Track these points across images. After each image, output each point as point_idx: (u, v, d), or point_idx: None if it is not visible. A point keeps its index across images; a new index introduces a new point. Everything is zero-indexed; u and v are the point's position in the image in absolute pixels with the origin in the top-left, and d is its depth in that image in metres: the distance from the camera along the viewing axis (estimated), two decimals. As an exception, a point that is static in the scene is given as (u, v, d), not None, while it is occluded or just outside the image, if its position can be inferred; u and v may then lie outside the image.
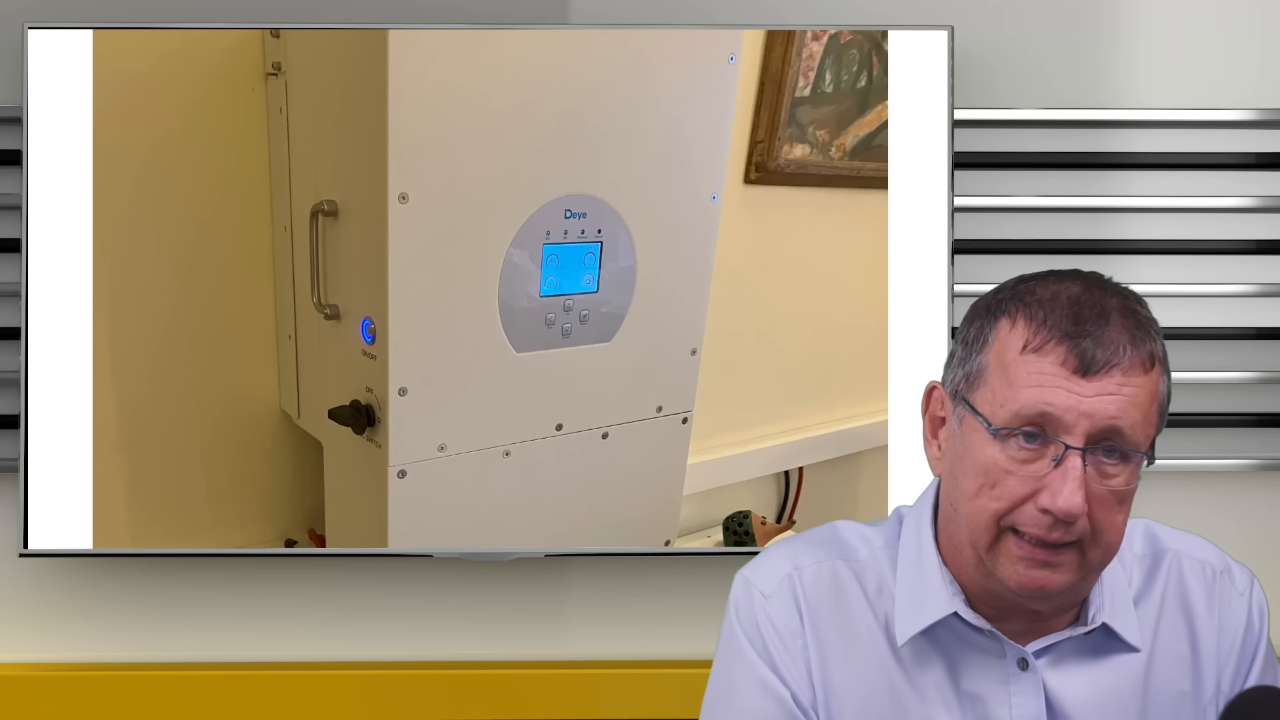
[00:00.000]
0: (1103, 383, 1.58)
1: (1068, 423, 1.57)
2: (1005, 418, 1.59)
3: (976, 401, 1.62)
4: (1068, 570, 1.61)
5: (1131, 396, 1.59)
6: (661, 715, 3.02)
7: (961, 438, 1.64)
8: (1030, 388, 1.58)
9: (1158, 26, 3.12)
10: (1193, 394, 3.12)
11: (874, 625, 1.70)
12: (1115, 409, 1.58)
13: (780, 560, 1.74)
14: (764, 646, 1.71)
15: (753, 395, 3.08)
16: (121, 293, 2.94)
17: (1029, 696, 1.68)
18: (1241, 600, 1.76)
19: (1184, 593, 1.75)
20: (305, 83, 2.87)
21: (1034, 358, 1.59)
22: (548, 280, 2.87)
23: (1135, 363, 1.59)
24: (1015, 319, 1.62)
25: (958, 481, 1.64)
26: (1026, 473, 1.59)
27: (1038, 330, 1.60)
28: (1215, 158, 3.10)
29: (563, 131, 2.86)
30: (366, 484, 2.89)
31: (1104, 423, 1.57)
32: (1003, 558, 1.61)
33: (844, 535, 1.76)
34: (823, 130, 2.99)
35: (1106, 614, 1.69)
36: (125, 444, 2.96)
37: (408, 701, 3.03)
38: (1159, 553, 1.76)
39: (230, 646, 3.09)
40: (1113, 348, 1.58)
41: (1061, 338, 1.58)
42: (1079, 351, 1.58)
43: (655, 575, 3.11)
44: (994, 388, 1.61)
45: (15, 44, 2.99)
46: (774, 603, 1.71)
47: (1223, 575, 1.77)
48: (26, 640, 3.08)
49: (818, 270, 3.07)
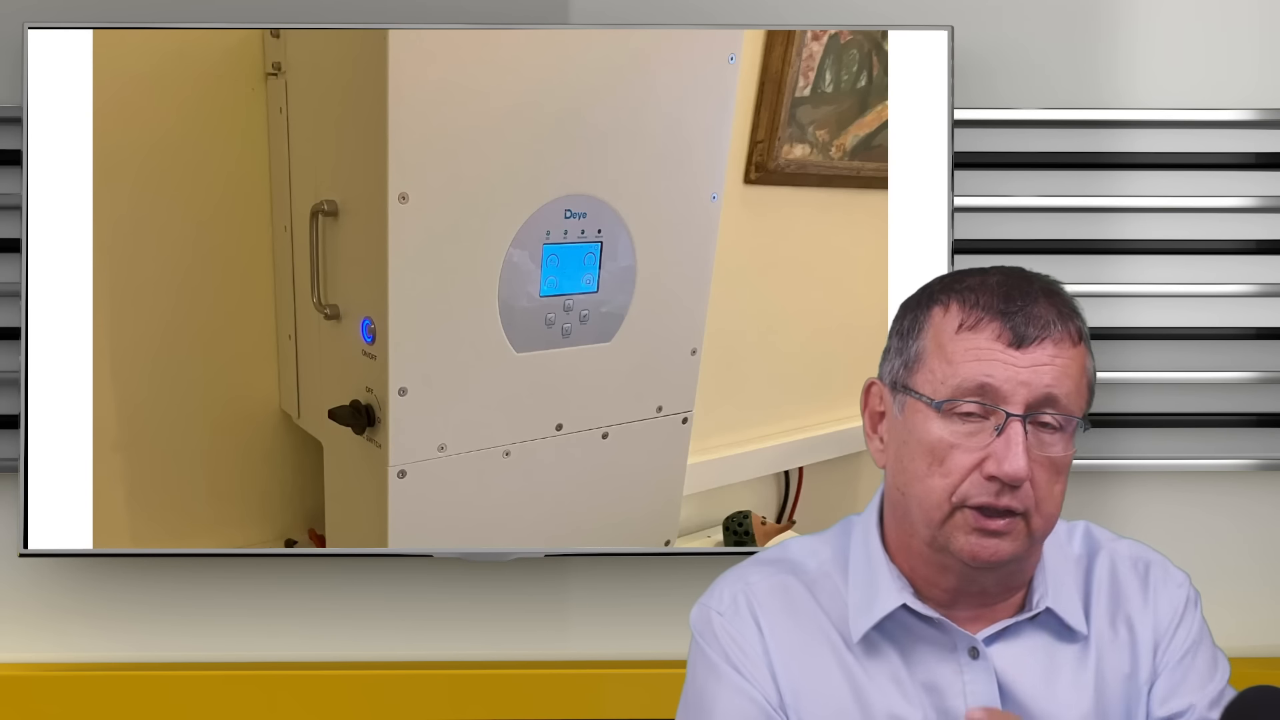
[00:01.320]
0: (1036, 354, 1.67)
1: (1006, 392, 1.66)
2: (947, 392, 1.67)
3: (917, 384, 1.70)
4: (1015, 539, 1.68)
5: (1064, 367, 1.67)
6: (661, 715, 3.01)
7: (904, 423, 1.71)
8: (969, 362, 1.67)
9: (1158, 26, 3.12)
10: (1193, 394, 3.12)
11: (829, 628, 1.76)
12: (1050, 378, 1.66)
13: (731, 581, 1.82)
14: (727, 657, 1.77)
15: (753, 395, 3.08)
16: (121, 293, 2.94)
17: (982, 684, 1.74)
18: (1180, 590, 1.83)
19: (1117, 583, 1.81)
20: (305, 83, 2.87)
21: (970, 334, 1.68)
22: (548, 280, 2.87)
23: (1064, 335, 1.68)
24: (948, 304, 1.71)
25: (904, 466, 1.71)
26: (972, 444, 1.67)
27: (971, 310, 1.69)
28: (1215, 158, 3.10)
29: (563, 131, 2.86)
30: (366, 484, 2.89)
31: (1041, 390, 1.66)
32: (955, 532, 1.68)
33: (792, 553, 1.83)
34: (823, 130, 2.99)
35: (1050, 599, 1.75)
36: (125, 444, 2.96)
37: (408, 701, 3.03)
38: (1094, 550, 1.83)
39: (230, 646, 3.09)
40: (1042, 322, 1.67)
41: (995, 314, 1.68)
42: (1012, 326, 1.67)
43: (655, 575, 3.11)
44: (933, 368, 1.69)
45: (15, 44, 2.99)
46: (729, 619, 1.78)
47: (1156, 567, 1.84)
48: (26, 640, 3.08)
49: (818, 270, 3.07)
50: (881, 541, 1.77)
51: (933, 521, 1.69)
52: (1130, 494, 3.10)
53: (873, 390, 1.77)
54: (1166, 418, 3.12)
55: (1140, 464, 3.10)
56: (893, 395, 1.73)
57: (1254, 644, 3.09)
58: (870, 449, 1.77)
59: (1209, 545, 3.09)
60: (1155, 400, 3.12)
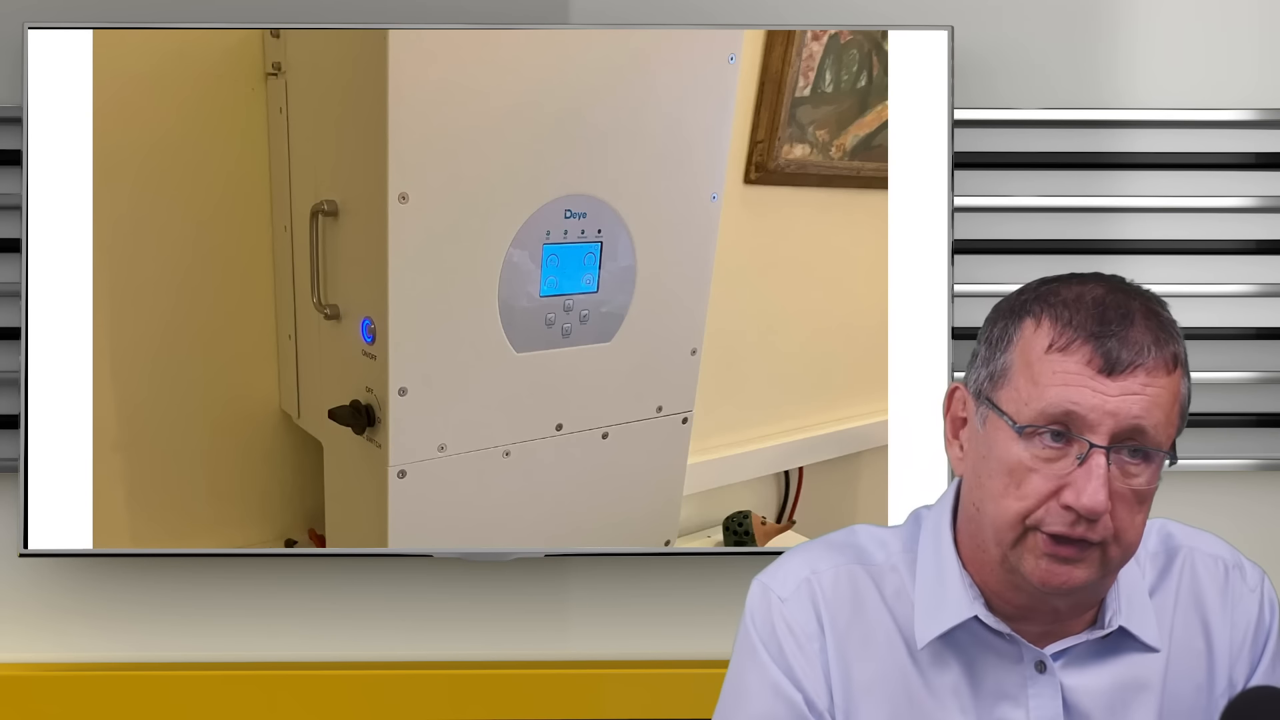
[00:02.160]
0: (1127, 382, 1.59)
1: (1092, 421, 1.59)
2: (1030, 415, 1.60)
3: (1001, 400, 1.63)
4: (1089, 567, 1.62)
5: (1155, 397, 1.61)
6: (661, 715, 3.02)
7: (985, 437, 1.65)
8: (1056, 386, 1.60)
9: (1158, 26, 3.12)
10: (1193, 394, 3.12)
11: (891, 629, 1.71)
12: (1139, 409, 1.60)
13: (797, 565, 1.75)
14: (779, 650, 1.71)
15: (753, 395, 3.08)
16: (121, 293, 2.94)
17: (1047, 699, 1.69)
18: (1253, 596, 1.78)
19: (1197, 588, 1.76)
20: (305, 83, 2.87)
21: (1059, 357, 1.60)
22: (548, 280, 2.87)
23: (1159, 363, 1.61)
24: (1040, 319, 1.63)
25: (981, 481, 1.65)
26: (1050, 471, 1.60)
27: (1063, 330, 1.61)
28: (1215, 158, 3.10)
29: (563, 131, 2.86)
30: (366, 484, 2.89)
31: (1128, 422, 1.59)
32: (1027, 554, 1.62)
33: (861, 540, 1.76)
34: (823, 130, 2.99)
35: (1124, 617, 1.70)
36: (125, 444, 2.96)
37: (408, 701, 3.03)
38: (1173, 550, 1.78)
39: (230, 646, 3.09)
40: (1137, 348, 1.60)
41: (1087, 337, 1.60)
42: (1104, 351, 1.59)
43: (655, 575, 3.11)
44: (1019, 386, 1.62)
45: (15, 44, 2.99)
46: (791, 606, 1.72)
47: (1235, 570, 1.78)
48: (26, 640, 3.08)
49: (818, 270, 3.07)
50: (954, 545, 1.72)
51: (1004, 542, 1.63)
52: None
53: (956, 395, 1.70)
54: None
55: (1140, 464, 3.10)
56: (976, 405, 1.67)
57: (1254, 644, 3.09)
58: (949, 455, 1.71)
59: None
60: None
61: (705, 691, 1.83)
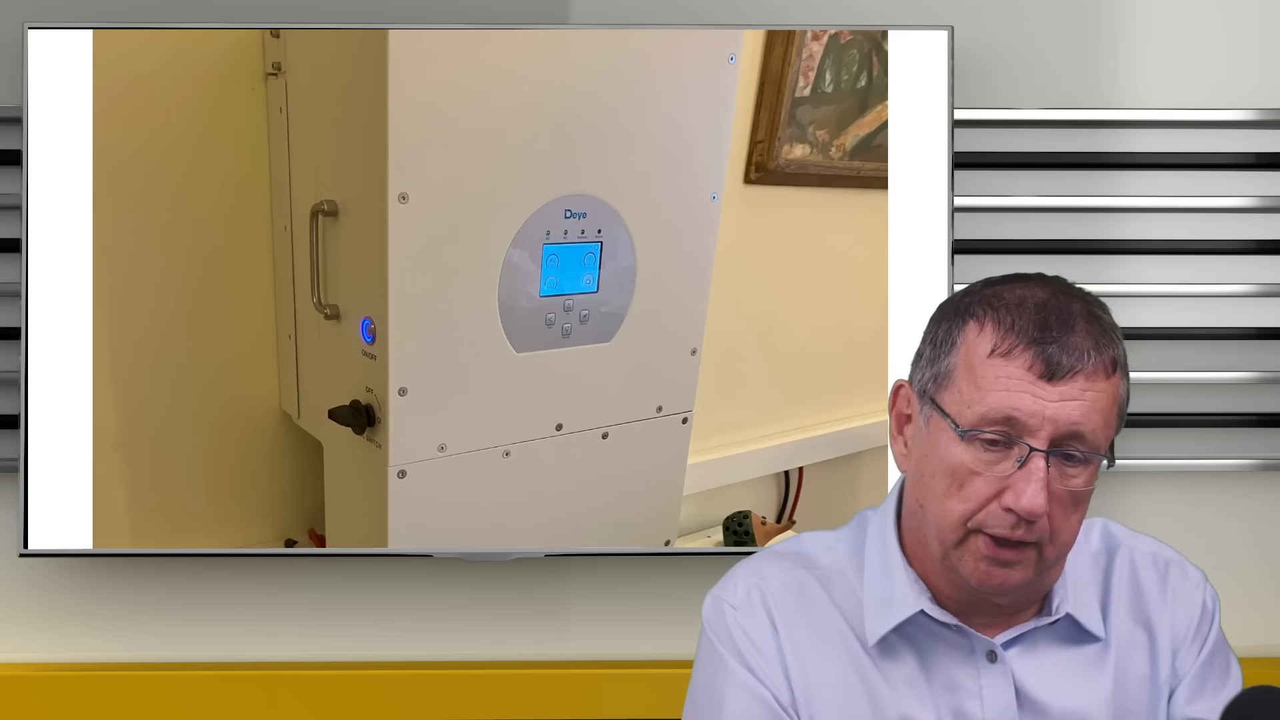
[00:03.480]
0: (1066, 388, 1.63)
1: (1032, 426, 1.63)
2: (972, 419, 1.65)
3: (944, 402, 1.67)
4: (1026, 567, 1.67)
5: (1094, 401, 1.64)
6: (661, 715, 3.02)
7: (928, 437, 1.69)
8: (997, 391, 1.64)
9: (1158, 26, 3.12)
10: (1193, 394, 3.12)
11: (844, 628, 1.75)
12: (1078, 414, 1.64)
13: (746, 574, 1.80)
14: (739, 653, 1.76)
15: (753, 395, 3.08)
16: (121, 293, 2.94)
17: (999, 688, 1.73)
18: (1196, 591, 1.82)
19: (1137, 583, 1.80)
20: (305, 83, 2.87)
21: (1001, 362, 1.64)
22: (548, 280, 2.87)
23: (1098, 368, 1.65)
24: (984, 322, 1.67)
25: (924, 480, 1.70)
26: (992, 473, 1.65)
27: (1005, 335, 1.65)
28: (1215, 158, 3.10)
29: (563, 131, 2.86)
30: (366, 484, 2.89)
31: (1066, 427, 1.63)
32: (967, 556, 1.67)
33: (806, 547, 1.81)
34: (823, 130, 2.99)
35: (1070, 604, 1.75)
36: (125, 444, 2.96)
37: (408, 701, 3.03)
38: (1113, 548, 1.82)
39: (230, 646, 3.09)
40: (1077, 354, 1.64)
41: (1029, 343, 1.64)
42: (1045, 357, 1.63)
43: (655, 575, 3.11)
44: (961, 389, 1.66)
45: (15, 44, 2.99)
46: (743, 613, 1.77)
47: (1174, 566, 1.83)
48: (26, 640, 3.08)
49: (818, 270, 3.07)
50: (899, 542, 1.76)
51: (946, 542, 1.68)
52: (1130, 494, 3.10)
53: (901, 393, 1.75)
54: (1166, 418, 3.12)
55: (1140, 464, 3.10)
56: (920, 404, 1.71)
57: (1254, 644, 3.09)
58: (894, 450, 1.75)
59: (1209, 545, 3.09)
60: (1155, 400, 3.12)
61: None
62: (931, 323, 1.73)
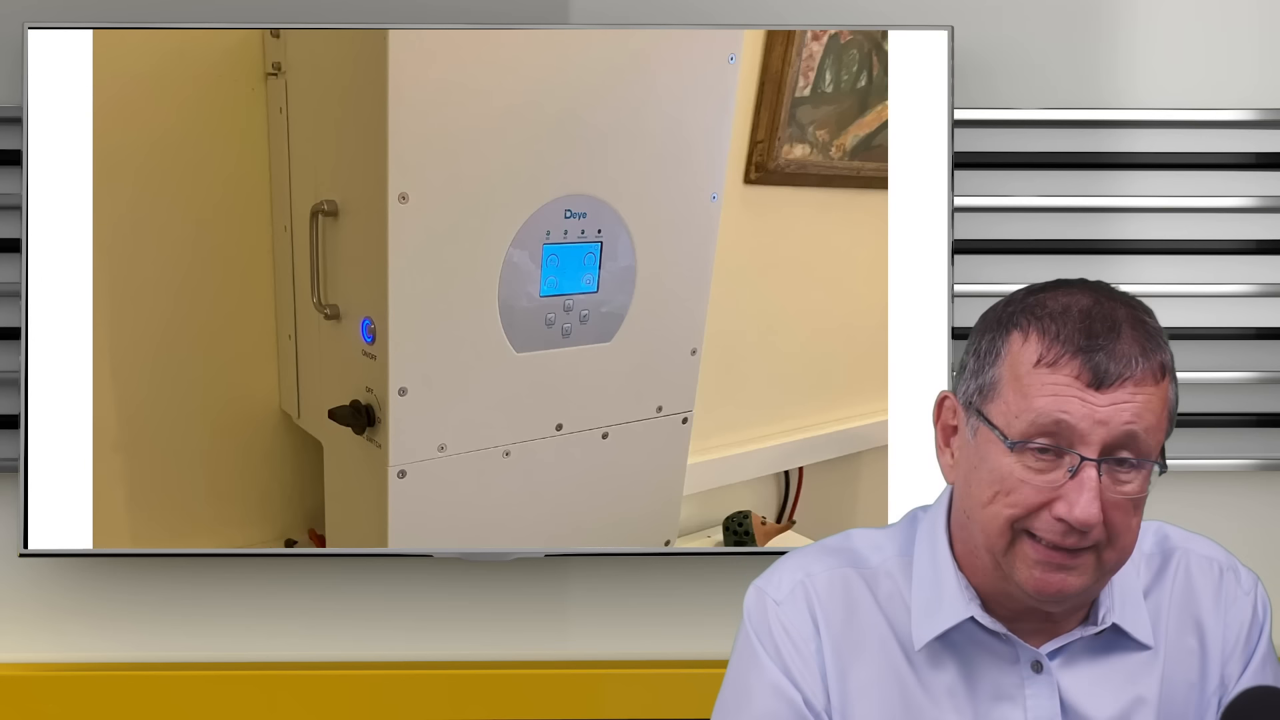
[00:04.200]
0: (1116, 394, 1.60)
1: (1083, 432, 1.59)
2: (1021, 429, 1.61)
3: (991, 414, 1.64)
4: (1084, 573, 1.63)
5: (1144, 406, 1.61)
6: (661, 715, 3.02)
7: (976, 448, 1.66)
8: (1045, 398, 1.60)
9: (1158, 26, 3.12)
10: (1193, 394, 3.12)
11: (886, 631, 1.73)
12: (1129, 415, 1.60)
13: (792, 568, 1.76)
14: (777, 651, 1.73)
15: (753, 395, 3.08)
16: (121, 293, 2.94)
17: (1044, 699, 1.70)
18: (1247, 598, 1.79)
19: (1191, 589, 1.77)
20: (305, 83, 2.87)
21: (1048, 372, 1.61)
22: (548, 280, 2.87)
23: (1147, 374, 1.61)
24: (1028, 333, 1.63)
25: (971, 490, 1.66)
26: (1041, 482, 1.61)
27: (1051, 345, 1.61)
28: (1215, 158, 3.10)
29: (563, 131, 2.86)
30: (366, 484, 2.89)
31: (1119, 431, 1.60)
32: (1019, 562, 1.63)
33: (855, 544, 1.78)
34: (823, 130, 2.99)
35: (1117, 614, 1.71)
36: (125, 444, 2.96)
37: (408, 701, 3.03)
38: (1168, 551, 1.79)
39: (230, 646, 3.09)
40: (1125, 360, 1.60)
41: (1075, 352, 1.60)
42: (1093, 365, 1.60)
43: (655, 575, 3.11)
44: (1008, 400, 1.63)
45: (15, 44, 2.99)
46: (786, 609, 1.73)
47: (1229, 572, 1.80)
48: (26, 640, 3.08)
49: (818, 270, 3.07)
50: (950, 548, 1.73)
51: (996, 548, 1.64)
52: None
53: (946, 404, 1.71)
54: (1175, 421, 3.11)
55: (1140, 464, 3.10)
56: (966, 416, 1.67)
57: (1254, 644, 3.09)
58: (940, 463, 1.72)
59: (1209, 544, 3.09)
60: (1155, 400, 3.12)
61: (705, 691, 1.83)
62: (974, 334, 1.69)
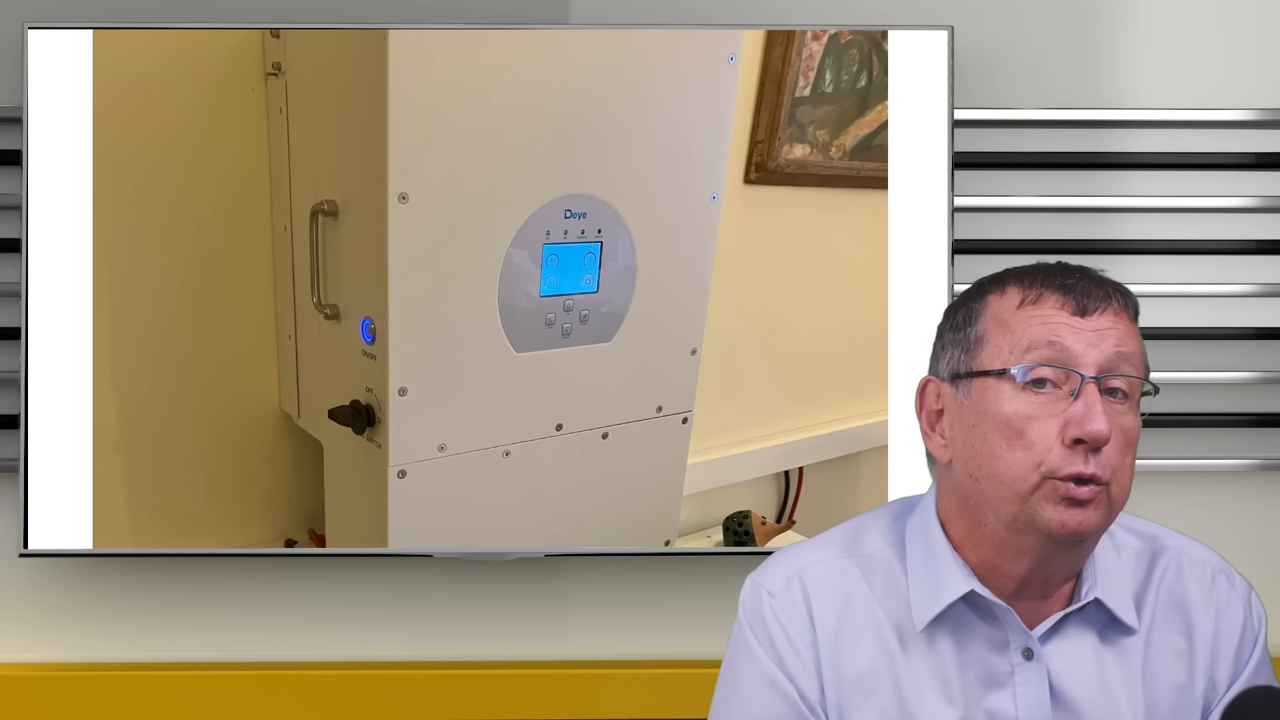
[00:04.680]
0: (1099, 320, 1.67)
1: (1077, 352, 1.66)
2: (1018, 358, 1.67)
3: (984, 363, 1.69)
4: (1099, 508, 1.67)
5: (1127, 332, 1.68)
6: (661, 715, 3.02)
7: (972, 407, 1.69)
8: (1036, 326, 1.67)
9: (1158, 26, 3.12)
10: (1193, 394, 3.12)
11: (881, 620, 1.74)
12: (1117, 338, 1.67)
13: (786, 561, 1.78)
14: (771, 644, 1.74)
15: (753, 395, 3.08)
16: (121, 293, 2.94)
17: (1034, 685, 1.72)
18: (1240, 602, 1.81)
19: (1181, 588, 1.79)
20: (305, 83, 2.87)
21: (1032, 308, 1.68)
22: (548, 280, 2.87)
23: (1123, 308, 1.69)
24: (1004, 288, 1.71)
25: (978, 449, 1.68)
26: (1049, 413, 1.65)
27: (1030, 286, 1.69)
28: (1215, 158, 3.10)
29: (563, 131, 2.86)
30: (366, 484, 2.89)
31: (1110, 351, 1.66)
32: (1043, 503, 1.66)
33: (850, 534, 1.79)
34: (823, 130, 2.99)
35: (1100, 589, 1.73)
36: (125, 444, 2.96)
37: (408, 701, 3.03)
38: (1159, 549, 1.81)
39: (230, 646, 3.09)
40: (1102, 293, 1.69)
41: (1055, 287, 1.68)
42: (1074, 296, 1.68)
43: (655, 575, 3.11)
44: (998, 343, 1.68)
45: (15, 44, 2.99)
46: (780, 601, 1.75)
47: (1221, 575, 1.82)
48: (26, 640, 3.08)
49: (818, 270, 3.07)
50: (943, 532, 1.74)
51: (1019, 495, 1.66)
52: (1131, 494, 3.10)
53: (928, 388, 1.74)
54: (1167, 418, 3.11)
55: (1140, 463, 3.07)
56: (954, 387, 1.70)
57: (1254, 644, 3.09)
58: (931, 448, 1.74)
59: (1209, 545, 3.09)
60: (1155, 400, 3.11)
61: (705, 691, 1.83)
62: (945, 317, 1.75)
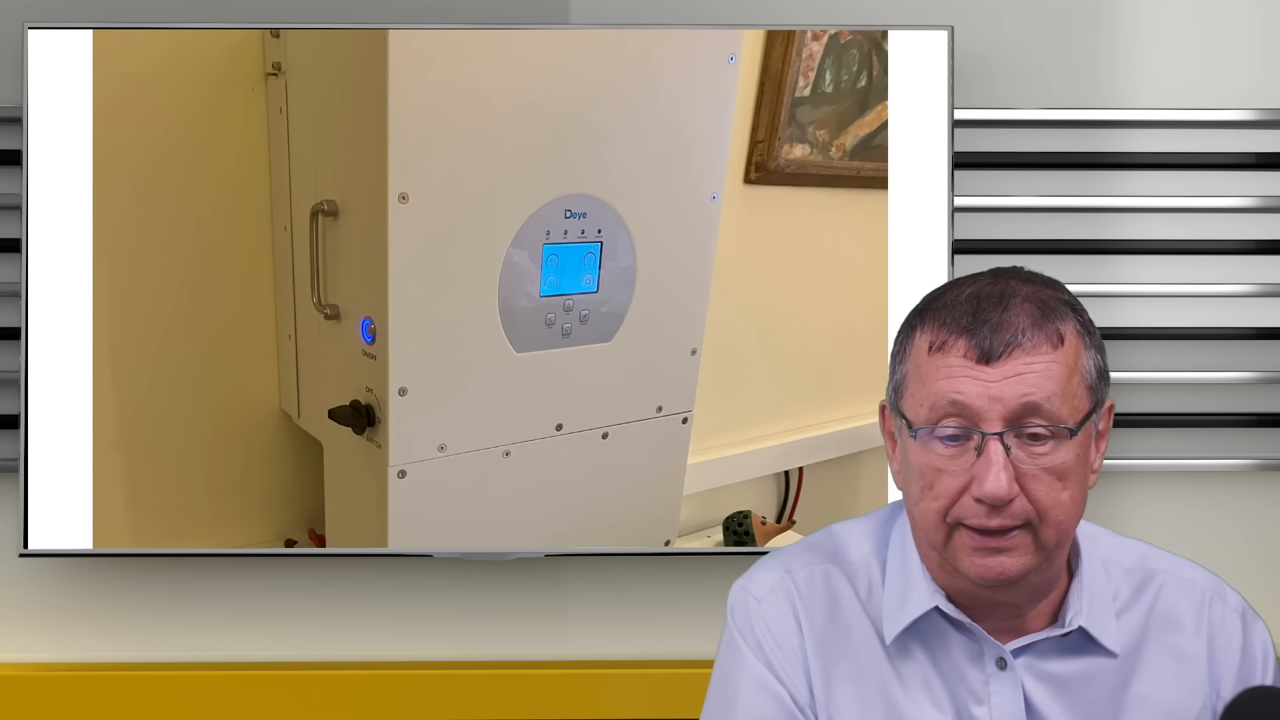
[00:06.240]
0: (1007, 366, 1.63)
1: (979, 409, 1.62)
2: (925, 415, 1.65)
3: (905, 409, 1.68)
4: (1023, 553, 1.65)
5: (1043, 373, 1.63)
6: (661, 715, 3.02)
7: (903, 447, 1.70)
8: (940, 380, 1.64)
9: (1158, 26, 3.12)
10: (1193, 394, 3.12)
11: (866, 625, 1.75)
12: (1026, 388, 1.62)
13: (773, 566, 1.79)
14: (760, 648, 1.75)
15: (753, 395, 3.08)
16: (121, 293, 2.94)
17: (1008, 695, 1.72)
18: (1235, 617, 1.78)
19: (1171, 610, 1.77)
20: (305, 83, 2.87)
21: (940, 356, 1.65)
22: (548, 280, 2.87)
23: (1040, 341, 1.63)
24: (925, 326, 1.67)
25: (907, 490, 1.70)
26: (956, 467, 1.64)
27: (939, 330, 1.65)
28: (1215, 158, 3.10)
29: (563, 131, 2.87)
30: (366, 484, 2.89)
31: (1016, 403, 1.62)
32: (959, 552, 1.66)
33: (836, 540, 1.81)
34: (823, 130, 2.99)
35: (1084, 618, 1.72)
36: (125, 444, 2.96)
37: (408, 701, 3.03)
38: (1150, 571, 1.79)
39: (230, 646, 3.09)
40: (1012, 331, 1.63)
41: (960, 332, 1.64)
42: (978, 341, 1.63)
43: (655, 575, 3.11)
44: (914, 392, 1.67)
45: (15, 44, 2.99)
46: (768, 605, 1.76)
47: (1211, 594, 1.79)
48: (26, 640, 3.08)
49: (818, 270, 3.07)
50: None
51: (936, 544, 1.67)
52: (1130, 494, 3.10)
53: (885, 412, 1.75)
54: (1166, 418, 3.12)
55: (1140, 464, 3.10)
56: (895, 419, 1.71)
57: (1254, 644, 3.09)
58: (890, 469, 1.75)
59: (1209, 545, 3.09)
60: (1155, 400, 3.12)
61: (704, 692, 1.84)
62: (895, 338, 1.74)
